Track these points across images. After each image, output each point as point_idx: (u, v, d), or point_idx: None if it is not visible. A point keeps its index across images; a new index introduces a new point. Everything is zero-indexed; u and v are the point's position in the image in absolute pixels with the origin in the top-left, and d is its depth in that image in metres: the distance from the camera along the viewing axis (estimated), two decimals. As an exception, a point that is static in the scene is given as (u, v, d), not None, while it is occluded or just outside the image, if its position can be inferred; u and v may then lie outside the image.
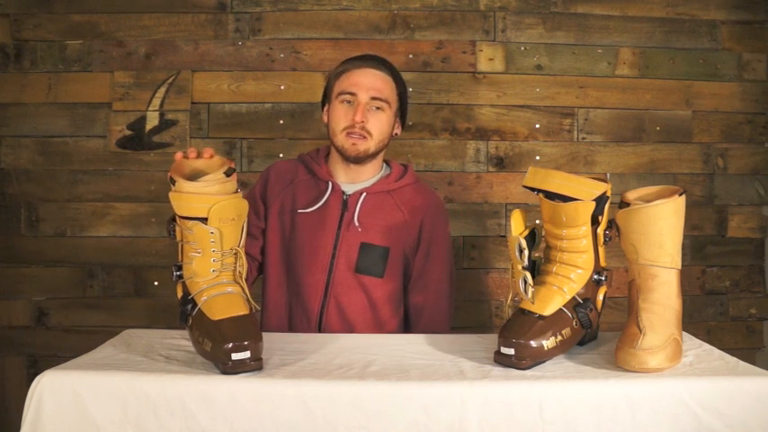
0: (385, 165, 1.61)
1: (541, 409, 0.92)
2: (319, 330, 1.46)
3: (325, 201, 1.49)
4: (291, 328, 1.48)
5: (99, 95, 2.05)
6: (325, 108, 1.57)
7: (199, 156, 1.13)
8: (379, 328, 1.48)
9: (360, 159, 1.50)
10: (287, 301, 1.49)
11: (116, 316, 2.04)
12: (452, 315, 1.59)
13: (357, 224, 1.47)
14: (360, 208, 1.48)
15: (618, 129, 2.10)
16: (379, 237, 1.48)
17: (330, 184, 1.51)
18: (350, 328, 1.46)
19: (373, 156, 1.52)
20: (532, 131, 2.09)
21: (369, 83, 1.48)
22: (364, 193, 1.50)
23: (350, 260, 1.46)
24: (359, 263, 1.46)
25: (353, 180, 1.53)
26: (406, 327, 1.55)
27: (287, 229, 1.50)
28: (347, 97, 1.48)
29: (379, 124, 1.49)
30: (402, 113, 1.59)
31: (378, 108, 1.49)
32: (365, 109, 1.47)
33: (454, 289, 1.61)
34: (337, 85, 1.51)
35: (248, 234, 1.47)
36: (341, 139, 1.48)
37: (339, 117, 1.48)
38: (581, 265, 1.07)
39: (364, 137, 1.47)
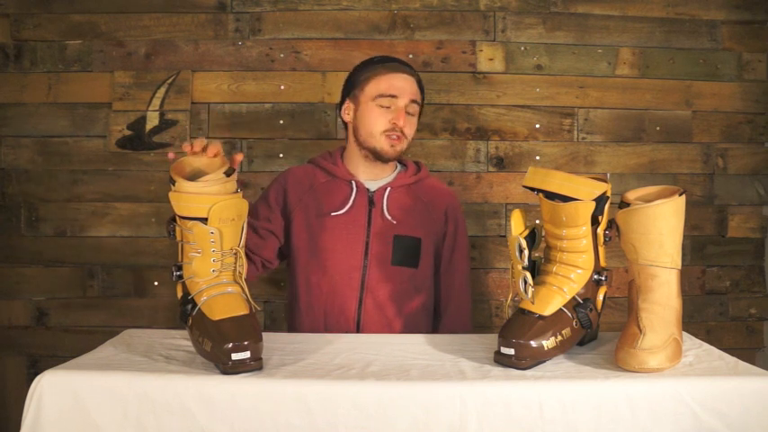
0: (398, 162, 1.64)
1: (541, 409, 0.92)
2: (358, 326, 1.48)
3: (353, 200, 1.52)
4: (327, 328, 1.48)
5: (99, 95, 2.05)
6: (346, 105, 1.58)
7: (204, 150, 1.10)
8: (414, 318, 1.51)
9: (393, 159, 1.55)
10: (322, 302, 1.49)
11: (116, 316, 2.04)
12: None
13: (390, 217, 1.50)
14: (386, 202, 1.52)
15: (618, 129, 2.10)
16: (410, 228, 1.52)
17: (354, 183, 1.53)
18: (387, 322, 1.48)
19: None
20: (532, 131, 2.09)
21: (408, 87, 1.53)
22: (389, 188, 1.54)
23: (384, 254, 1.49)
24: (394, 255, 1.49)
25: (374, 177, 1.57)
26: (435, 316, 1.59)
27: (316, 233, 1.51)
28: (386, 101, 1.51)
29: (412, 127, 1.56)
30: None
31: (411, 113, 1.54)
32: (404, 113, 1.51)
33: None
34: (374, 87, 1.52)
35: (254, 233, 1.47)
36: (380, 141, 1.51)
37: (377, 119, 1.51)
38: (581, 265, 1.07)
39: (401, 138, 1.52)
